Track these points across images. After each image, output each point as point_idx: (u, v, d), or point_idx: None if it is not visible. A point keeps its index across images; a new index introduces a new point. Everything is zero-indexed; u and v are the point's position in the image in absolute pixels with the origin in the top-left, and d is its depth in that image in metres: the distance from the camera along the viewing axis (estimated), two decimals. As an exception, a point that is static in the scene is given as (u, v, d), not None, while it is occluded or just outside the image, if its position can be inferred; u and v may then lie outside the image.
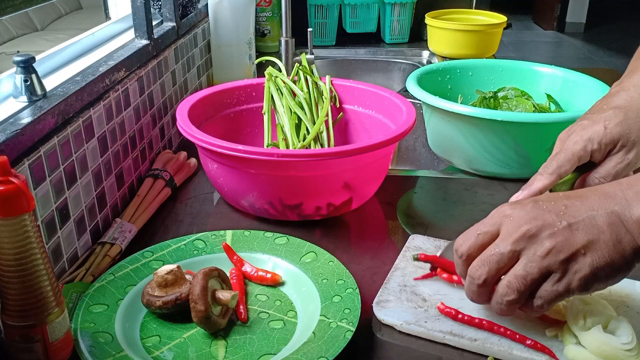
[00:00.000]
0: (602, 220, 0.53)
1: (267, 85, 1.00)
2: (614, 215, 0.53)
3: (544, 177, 0.67)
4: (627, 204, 0.53)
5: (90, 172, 0.77)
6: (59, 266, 0.70)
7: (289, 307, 0.68)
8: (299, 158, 0.77)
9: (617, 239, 0.53)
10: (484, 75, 1.14)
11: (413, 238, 0.78)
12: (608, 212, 0.53)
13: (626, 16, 6.13)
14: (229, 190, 0.85)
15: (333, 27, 1.76)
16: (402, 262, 0.74)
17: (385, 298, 0.67)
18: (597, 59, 4.98)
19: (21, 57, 0.68)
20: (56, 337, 0.55)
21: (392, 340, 0.64)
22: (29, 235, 0.51)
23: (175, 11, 1.10)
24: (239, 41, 1.25)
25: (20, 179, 0.50)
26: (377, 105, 0.99)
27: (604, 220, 0.53)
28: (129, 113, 0.89)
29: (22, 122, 0.64)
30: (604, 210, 0.54)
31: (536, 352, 0.60)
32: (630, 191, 0.54)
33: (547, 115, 0.92)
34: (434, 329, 0.63)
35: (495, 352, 0.60)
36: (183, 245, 0.75)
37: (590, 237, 0.53)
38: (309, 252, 0.74)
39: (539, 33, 5.87)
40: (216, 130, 0.89)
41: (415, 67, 1.64)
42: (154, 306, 0.64)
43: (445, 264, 0.68)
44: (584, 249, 0.53)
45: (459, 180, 0.99)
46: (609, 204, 0.54)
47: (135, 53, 0.91)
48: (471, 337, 0.62)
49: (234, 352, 0.62)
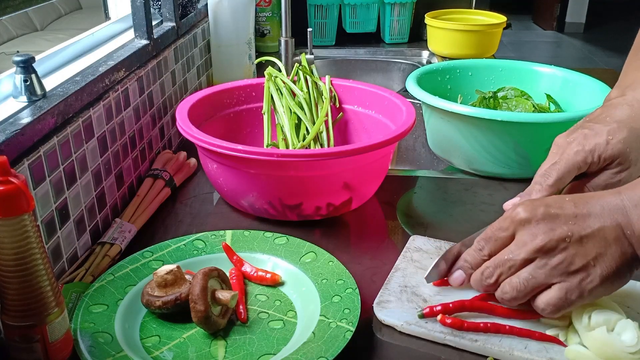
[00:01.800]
0: (610, 233, 0.56)
1: (266, 85, 1.00)
2: (619, 229, 0.56)
3: (544, 189, 0.66)
4: (628, 216, 0.56)
5: (90, 172, 0.77)
6: (58, 266, 0.70)
7: (288, 307, 0.68)
8: (299, 158, 0.77)
9: (622, 252, 0.56)
10: (484, 75, 1.14)
11: (414, 239, 0.78)
12: (614, 225, 0.56)
13: (626, 16, 6.13)
14: (229, 190, 0.85)
15: (333, 27, 1.76)
16: (402, 262, 0.74)
17: (386, 299, 0.67)
18: (597, 59, 4.99)
19: (21, 57, 0.68)
20: (56, 337, 0.55)
21: (392, 341, 0.64)
22: (29, 236, 0.51)
23: (175, 11, 1.10)
24: (239, 41, 1.25)
25: (20, 179, 0.50)
26: (376, 105, 0.99)
27: (612, 233, 0.56)
28: (129, 113, 0.89)
29: (21, 122, 0.64)
30: (611, 223, 0.56)
31: (537, 352, 0.60)
32: (629, 203, 0.56)
33: (547, 115, 0.92)
34: (434, 330, 0.63)
35: (496, 353, 0.60)
36: (183, 245, 0.75)
37: (599, 250, 0.56)
38: (308, 252, 0.74)
39: (538, 33, 5.87)
40: (216, 130, 0.89)
41: (415, 67, 1.64)
42: (154, 306, 0.64)
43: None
44: (594, 261, 0.56)
45: (458, 180, 0.99)
46: (613, 216, 0.56)
47: (135, 53, 0.91)
48: (472, 338, 0.62)
49: (234, 352, 0.62)
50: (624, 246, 0.56)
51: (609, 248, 0.56)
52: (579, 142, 0.67)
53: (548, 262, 0.57)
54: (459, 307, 0.64)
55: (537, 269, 0.58)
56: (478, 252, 0.63)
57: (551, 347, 0.60)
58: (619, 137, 0.66)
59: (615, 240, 0.56)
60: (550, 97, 1.09)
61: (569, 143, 0.68)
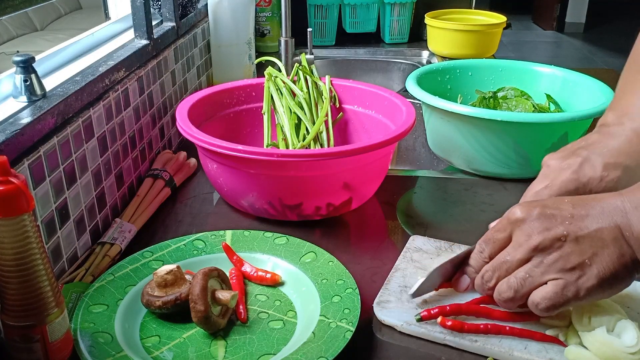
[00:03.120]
0: (607, 234, 0.56)
1: (266, 85, 1.00)
2: (617, 230, 0.55)
3: None
4: (627, 218, 0.55)
5: (90, 172, 0.77)
6: (58, 266, 0.70)
7: (288, 307, 0.68)
8: (299, 158, 0.77)
9: (620, 253, 0.55)
10: (484, 75, 1.14)
11: (413, 239, 0.78)
12: (612, 227, 0.56)
13: (626, 16, 6.13)
14: (229, 190, 0.85)
15: (333, 27, 1.76)
16: (402, 263, 0.74)
17: (386, 299, 0.67)
18: (597, 59, 4.99)
19: (21, 57, 0.68)
20: (56, 337, 0.55)
21: (392, 341, 0.64)
22: (29, 236, 0.51)
23: (175, 11, 1.10)
24: (239, 41, 1.26)
25: (20, 179, 0.50)
26: (376, 105, 0.99)
27: (609, 234, 0.55)
28: (129, 113, 0.89)
29: (21, 122, 0.64)
30: (608, 223, 0.56)
31: (537, 352, 0.60)
32: (629, 205, 0.56)
33: (547, 115, 0.92)
34: (434, 330, 0.63)
35: (496, 353, 0.60)
36: (183, 245, 0.75)
37: (595, 250, 0.56)
38: (308, 252, 0.74)
39: (538, 33, 5.87)
40: (216, 130, 0.89)
41: (414, 67, 1.64)
42: (154, 306, 0.64)
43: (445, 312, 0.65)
44: (590, 260, 0.56)
45: (458, 180, 0.99)
46: (612, 217, 0.56)
47: (135, 53, 0.91)
48: (472, 339, 0.62)
49: (234, 352, 0.62)
50: (622, 248, 0.55)
51: (606, 248, 0.55)
52: (574, 170, 0.67)
53: (544, 260, 0.57)
54: (456, 311, 0.64)
55: (533, 268, 0.58)
56: (479, 254, 0.63)
57: (551, 348, 0.60)
58: (613, 176, 0.66)
59: (613, 241, 0.55)
60: (550, 97, 1.09)
61: (563, 169, 0.68)
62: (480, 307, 0.64)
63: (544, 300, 0.57)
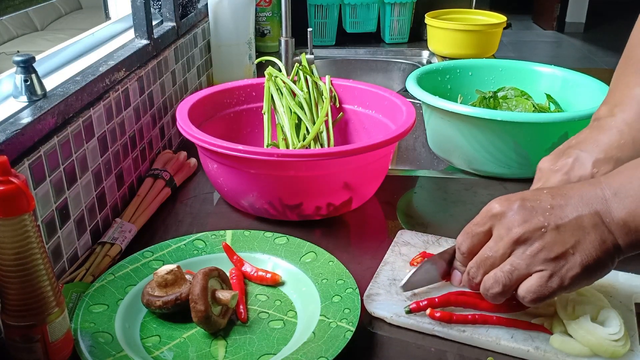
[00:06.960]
0: (588, 221, 0.56)
1: (267, 85, 1.00)
2: (597, 217, 0.56)
3: None
4: (607, 205, 0.56)
5: (90, 172, 0.77)
6: (59, 266, 0.70)
7: (288, 307, 0.68)
8: (299, 158, 0.77)
9: (601, 239, 0.55)
10: (484, 75, 1.15)
11: (401, 233, 0.79)
12: (592, 213, 0.56)
13: (626, 16, 6.11)
14: (229, 190, 0.85)
15: (333, 27, 1.76)
16: (391, 256, 0.75)
17: (375, 291, 0.68)
18: (597, 58, 4.99)
19: (21, 57, 0.68)
20: (56, 337, 0.55)
21: (392, 341, 0.64)
22: (29, 235, 0.51)
23: (175, 11, 1.10)
24: (239, 41, 1.26)
25: (20, 179, 0.50)
26: (376, 105, 0.99)
27: (589, 221, 0.56)
28: (129, 113, 0.89)
29: (22, 122, 0.64)
30: (588, 211, 0.56)
31: (523, 341, 0.61)
32: (609, 191, 0.56)
33: (547, 115, 0.92)
34: (423, 321, 0.64)
35: (483, 343, 0.62)
36: (183, 245, 0.75)
37: (577, 238, 0.56)
38: (308, 252, 0.74)
39: (538, 33, 5.87)
40: (216, 130, 0.89)
41: (415, 67, 1.64)
42: (154, 306, 0.64)
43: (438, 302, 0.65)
44: (573, 249, 0.56)
45: (458, 180, 0.99)
46: (591, 204, 0.56)
47: (135, 53, 0.91)
48: (460, 329, 0.63)
49: (234, 352, 0.62)
50: (603, 234, 0.55)
51: (587, 236, 0.55)
52: (565, 172, 0.68)
53: (526, 251, 0.57)
54: (445, 302, 0.65)
55: (517, 260, 0.57)
56: (458, 249, 0.63)
57: (537, 336, 0.62)
58: (604, 170, 0.67)
59: (593, 228, 0.55)
60: (550, 97, 1.09)
61: (554, 172, 0.69)
62: (468, 299, 0.65)
63: (529, 293, 0.57)
